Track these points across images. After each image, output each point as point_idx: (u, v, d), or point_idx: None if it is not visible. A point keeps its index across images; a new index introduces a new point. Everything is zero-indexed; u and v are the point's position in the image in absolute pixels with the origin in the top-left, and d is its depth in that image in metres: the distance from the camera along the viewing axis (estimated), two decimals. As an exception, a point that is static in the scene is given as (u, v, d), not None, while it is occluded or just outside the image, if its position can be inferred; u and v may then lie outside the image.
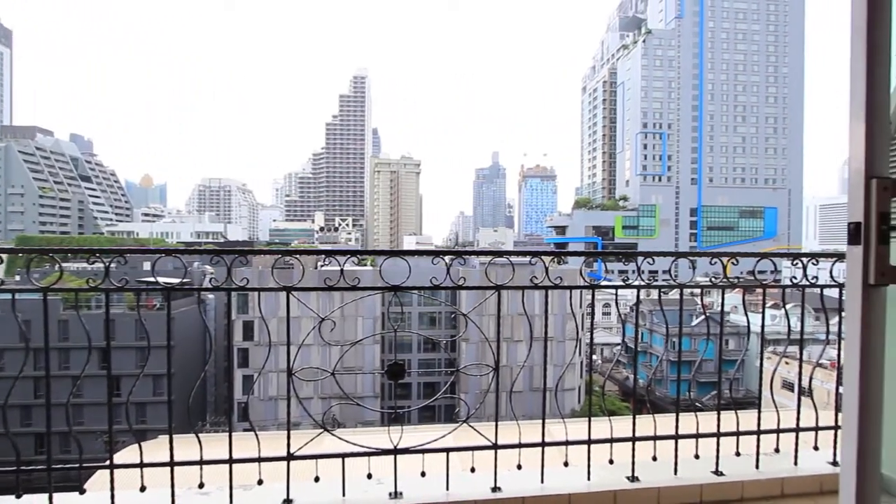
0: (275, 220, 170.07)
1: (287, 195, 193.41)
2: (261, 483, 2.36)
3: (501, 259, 2.73)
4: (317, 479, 2.40)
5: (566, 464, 2.60)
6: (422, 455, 2.45)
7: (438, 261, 2.63)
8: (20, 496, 2.22)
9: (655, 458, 2.67)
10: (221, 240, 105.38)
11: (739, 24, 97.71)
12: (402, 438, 2.41)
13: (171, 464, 2.26)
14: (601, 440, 2.61)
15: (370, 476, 2.44)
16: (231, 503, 2.27)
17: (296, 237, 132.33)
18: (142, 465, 2.26)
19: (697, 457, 2.72)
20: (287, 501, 2.32)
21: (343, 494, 2.38)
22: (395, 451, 2.40)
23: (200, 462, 2.29)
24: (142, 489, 2.26)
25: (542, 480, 2.51)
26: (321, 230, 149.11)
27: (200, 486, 2.33)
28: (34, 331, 2.31)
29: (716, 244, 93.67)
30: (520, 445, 2.50)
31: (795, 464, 2.78)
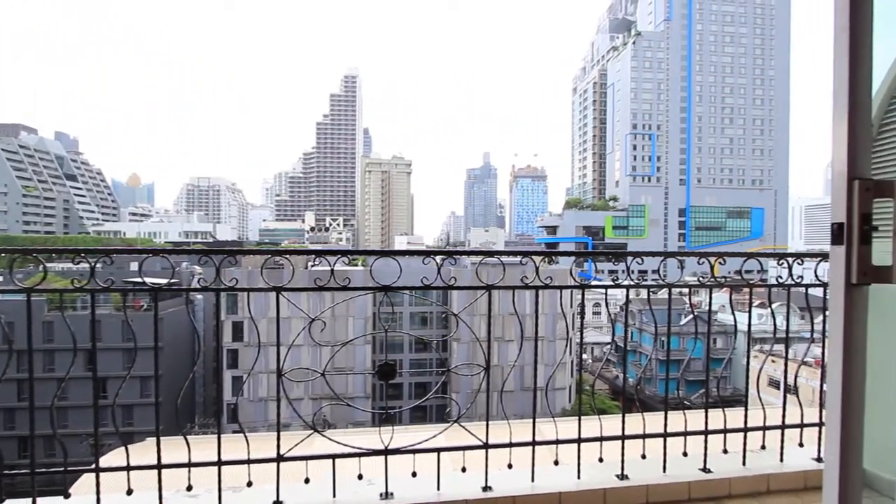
0: (265, 220, 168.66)
1: (277, 195, 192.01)
2: (250, 485, 2.34)
3: (492, 259, 2.73)
4: (307, 481, 2.39)
5: (556, 463, 2.61)
6: (413, 455, 2.44)
7: (429, 261, 2.63)
8: (3, 501, 2.18)
9: (645, 456, 2.70)
10: (210, 240, 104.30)
11: (727, 27, 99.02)
12: (394, 439, 2.41)
13: (159, 466, 2.23)
14: (591, 439, 2.63)
15: (361, 477, 2.43)
16: (220, 505, 2.25)
17: (286, 237, 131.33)
18: (128, 468, 2.22)
19: (686, 454, 2.75)
20: (277, 503, 2.30)
21: (333, 495, 2.36)
22: (386, 452, 2.39)
23: (189, 464, 2.26)
24: (128, 492, 2.23)
25: (533, 479, 2.52)
26: (312, 230, 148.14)
27: (189, 489, 2.30)
28: (18, 332, 2.27)
29: (704, 244, 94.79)
30: (510, 445, 2.51)
31: (781, 460, 2.82)
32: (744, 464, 2.76)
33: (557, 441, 2.58)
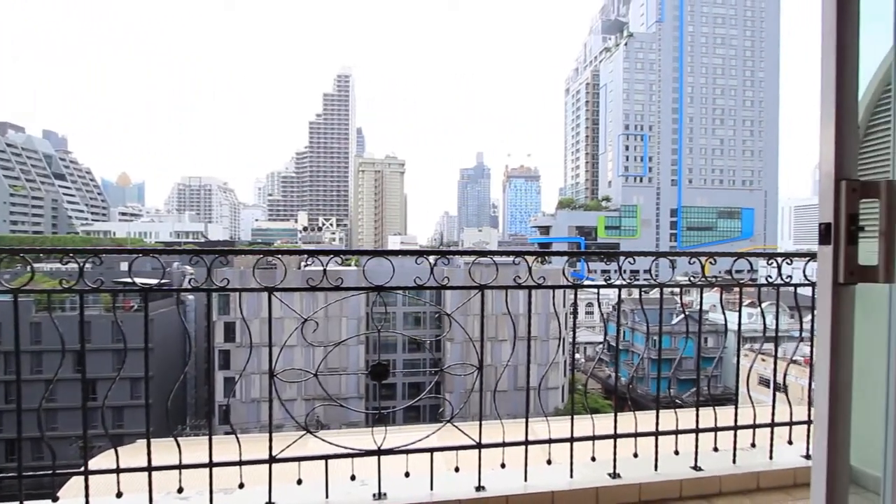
0: (257, 220, 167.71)
1: (270, 195, 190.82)
2: (242, 487, 2.33)
3: (485, 259, 2.74)
4: (299, 482, 2.37)
5: (549, 462, 2.62)
6: (406, 455, 2.44)
7: (422, 261, 2.63)
8: (-10, 505, 2.15)
9: (636, 455, 2.71)
10: (202, 239, 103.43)
11: (718, 29, 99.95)
12: (387, 439, 2.40)
13: (150, 468, 2.21)
14: (584, 438, 2.64)
15: (354, 477, 2.42)
16: (211, 507, 2.23)
17: (279, 237, 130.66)
18: (118, 471, 2.20)
19: (677, 453, 2.78)
20: (269, 504, 2.29)
21: (326, 496, 2.36)
22: (379, 452, 2.39)
23: (179, 466, 2.25)
24: (118, 495, 2.20)
25: (526, 479, 2.53)
26: (305, 230, 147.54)
27: (180, 491, 2.28)
28: (5, 333, 2.24)
29: (695, 244, 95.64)
30: (504, 444, 2.51)
31: (771, 458, 2.85)
32: (734, 462, 2.79)
33: (550, 440, 2.59)
